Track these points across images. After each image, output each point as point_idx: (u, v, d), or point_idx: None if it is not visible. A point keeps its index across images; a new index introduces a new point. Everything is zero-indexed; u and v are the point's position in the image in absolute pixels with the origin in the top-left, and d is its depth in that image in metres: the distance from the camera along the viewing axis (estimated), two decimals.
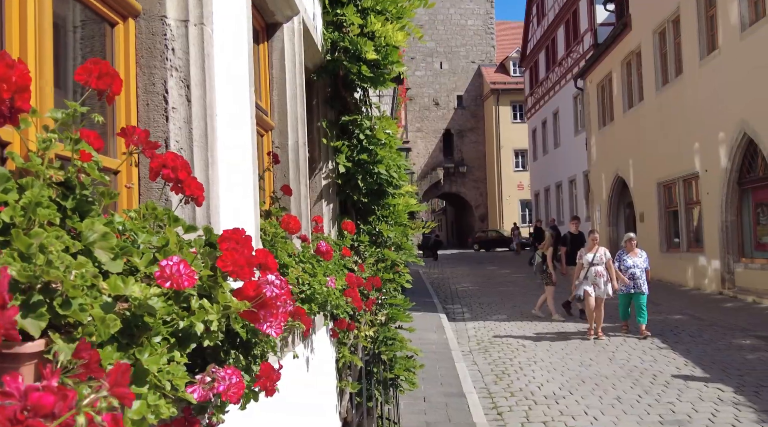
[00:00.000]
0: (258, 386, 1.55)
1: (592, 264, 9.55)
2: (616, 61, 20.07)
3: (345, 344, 4.62)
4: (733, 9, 12.90)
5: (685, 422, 5.68)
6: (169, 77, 1.97)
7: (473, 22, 43.60)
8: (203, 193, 1.71)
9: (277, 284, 1.37)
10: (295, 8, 3.68)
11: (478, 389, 7.04)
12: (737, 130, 12.88)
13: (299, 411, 3.53)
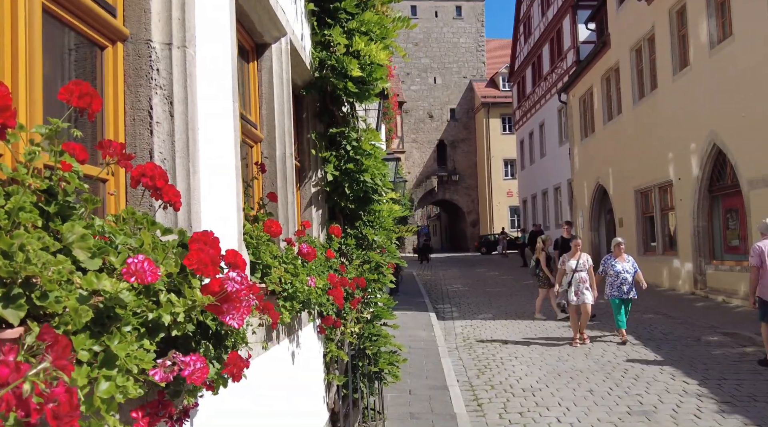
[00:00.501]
0: (226, 372, 1.63)
1: (575, 271, 8.97)
2: (597, 77, 20.18)
3: (332, 339, 4.69)
4: (703, 28, 13.01)
5: (651, 412, 5.75)
6: (153, 95, 2.04)
7: (465, 40, 43.78)
8: (180, 199, 1.78)
9: (238, 280, 1.45)
10: (282, 30, 3.76)
11: (461, 382, 7.10)
12: (707, 141, 12.98)
13: (287, 401, 3.59)
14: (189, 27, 2.15)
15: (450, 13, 43.64)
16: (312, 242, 4.20)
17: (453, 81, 43.80)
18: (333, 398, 4.83)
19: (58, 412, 0.80)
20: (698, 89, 13.28)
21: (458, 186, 43.57)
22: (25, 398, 0.76)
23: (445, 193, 43.80)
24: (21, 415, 0.81)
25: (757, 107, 11.01)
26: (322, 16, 4.70)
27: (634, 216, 17.45)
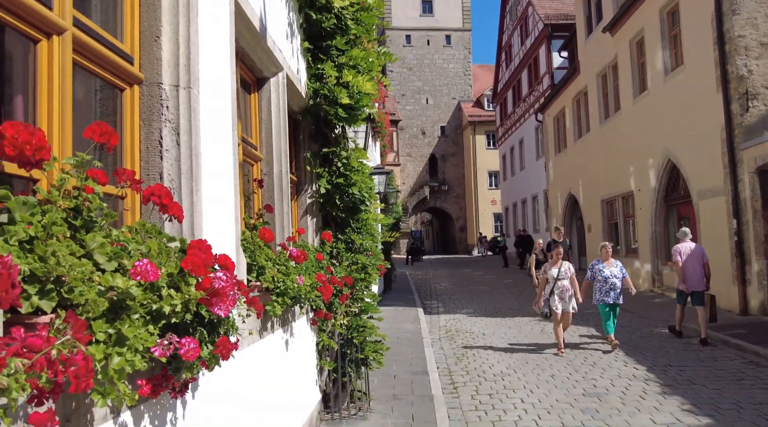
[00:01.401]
0: (217, 352, 1.82)
1: (557, 279, 7.92)
2: (568, 99, 20.41)
3: (324, 330, 4.87)
4: (659, 57, 13.25)
5: (603, 394, 5.92)
6: (163, 127, 2.24)
7: (453, 66, 44.06)
8: (183, 214, 1.99)
9: (224, 278, 1.64)
10: (279, 66, 3.97)
11: (441, 368, 7.26)
12: (663, 157, 13.19)
13: (282, 383, 3.77)
14: (193, 71, 2.35)
15: (440, 42, 43.93)
16: (305, 247, 4.40)
17: (443, 102, 44.04)
18: (324, 380, 5.01)
19: (78, 373, 0.99)
20: (655, 111, 13.50)
21: (448, 195, 43.74)
22: (53, 361, 0.95)
23: (437, 202, 43.94)
24: (50, 375, 1.00)
25: (704, 127, 11.22)
26: (316, 53, 4.90)
27: (601, 223, 17.64)
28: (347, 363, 5.00)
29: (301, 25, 4.75)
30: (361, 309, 5.30)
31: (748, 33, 10.30)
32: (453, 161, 43.96)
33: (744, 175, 10.21)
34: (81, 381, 0.99)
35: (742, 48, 10.27)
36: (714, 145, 10.95)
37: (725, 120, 10.51)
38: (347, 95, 4.85)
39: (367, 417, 5.02)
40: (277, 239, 3.83)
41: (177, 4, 2.30)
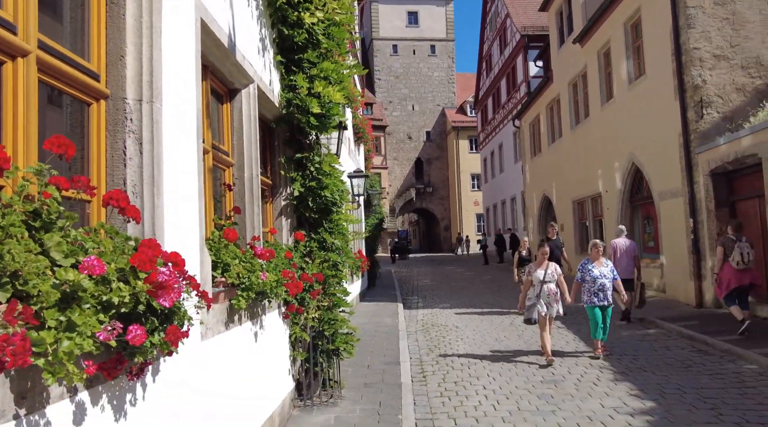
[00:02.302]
0: (167, 340, 1.95)
1: (543, 282, 6.95)
2: (543, 106, 20.66)
3: (297, 323, 4.99)
4: (623, 67, 13.49)
5: (559, 381, 6.09)
6: (127, 138, 2.36)
7: (438, 74, 44.32)
8: (140, 215, 2.11)
9: (167, 273, 1.77)
10: (250, 79, 4.09)
11: (413, 359, 7.40)
12: (627, 161, 13.43)
13: (252, 372, 3.89)
14: (156, 86, 2.48)
15: (426, 51, 44.19)
16: (277, 246, 4.52)
17: (428, 108, 44.29)
18: (297, 370, 5.14)
19: (15, 351, 1.12)
20: (620, 118, 13.74)
21: (433, 197, 43.98)
22: None
23: (422, 203, 44.17)
24: None
25: (664, 133, 11.47)
26: (289, 65, 5.03)
27: (573, 222, 17.88)
28: (319, 354, 5.13)
29: (275, 40, 4.88)
30: (333, 303, 5.42)
31: (702, 45, 10.54)
32: (438, 165, 44.19)
33: (699, 177, 10.45)
34: (18, 358, 1.11)
35: (697, 59, 10.51)
36: (673, 149, 11.19)
37: (682, 126, 10.75)
38: (318, 105, 4.98)
39: (338, 404, 5.15)
40: (248, 238, 3.95)
41: (141, 26, 2.42)
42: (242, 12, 3.95)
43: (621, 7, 13.43)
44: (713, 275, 8.66)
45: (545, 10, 20.01)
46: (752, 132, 8.80)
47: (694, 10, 10.61)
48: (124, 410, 2.05)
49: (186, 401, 2.67)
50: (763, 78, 10.49)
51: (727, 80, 10.51)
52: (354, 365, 6.67)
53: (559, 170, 18.84)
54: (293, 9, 4.73)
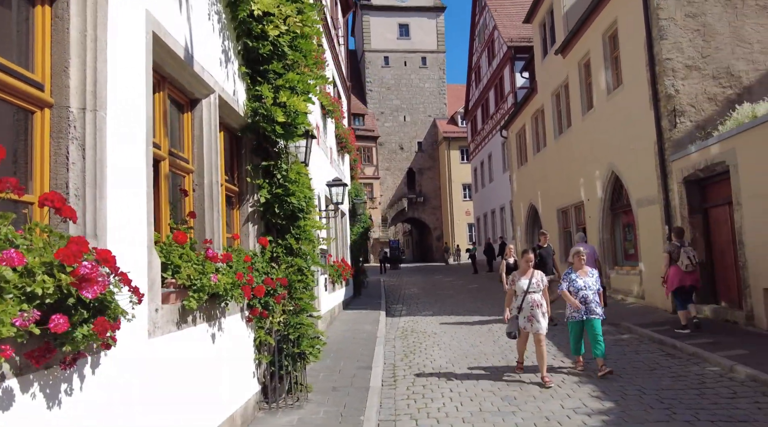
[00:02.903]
0: (95, 330, 2.08)
1: (527, 292, 6.37)
2: (528, 116, 20.94)
3: (262, 327, 5.11)
4: (602, 78, 13.76)
5: (525, 383, 6.21)
6: (70, 144, 2.51)
7: (429, 85, 44.74)
8: (76, 216, 2.25)
9: (89, 267, 1.91)
10: (210, 89, 4.26)
11: (387, 364, 7.51)
12: (607, 170, 13.65)
13: (208, 372, 4.00)
14: (100, 96, 2.63)
15: (417, 63, 44.64)
16: (240, 250, 4.66)
17: (420, 119, 44.66)
18: (263, 373, 5.24)
19: None
20: (600, 127, 13.98)
21: (425, 206, 44.21)
22: None
23: (414, 213, 44.37)
24: None
25: (640, 142, 11.70)
26: (255, 76, 5.19)
27: (557, 231, 18.06)
28: (284, 357, 5.24)
29: (240, 52, 5.05)
30: (300, 308, 5.54)
31: (674, 56, 10.81)
32: (429, 175, 44.45)
33: (673, 185, 10.66)
34: None
35: (670, 70, 10.77)
36: (649, 158, 11.41)
37: (657, 135, 10.98)
38: (283, 114, 5.14)
39: (303, 406, 5.25)
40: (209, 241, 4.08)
41: (85, 39, 2.58)
42: (201, 25, 4.12)
43: (599, 19, 13.73)
44: (663, 280, 8.92)
45: (529, 21, 20.36)
46: (719, 140, 9.02)
47: (666, 22, 10.88)
48: (58, 399, 2.18)
49: (134, 395, 2.79)
50: (734, 88, 10.74)
51: (699, 90, 10.76)
52: (326, 370, 6.79)
53: (544, 179, 19.06)
54: (257, 22, 4.90)
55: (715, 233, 10.00)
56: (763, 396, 5.38)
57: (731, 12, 10.90)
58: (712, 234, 10.10)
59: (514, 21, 26.39)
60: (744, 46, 10.87)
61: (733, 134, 8.66)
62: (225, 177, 5.04)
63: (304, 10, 5.37)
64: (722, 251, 9.72)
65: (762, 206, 8.05)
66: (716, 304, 9.84)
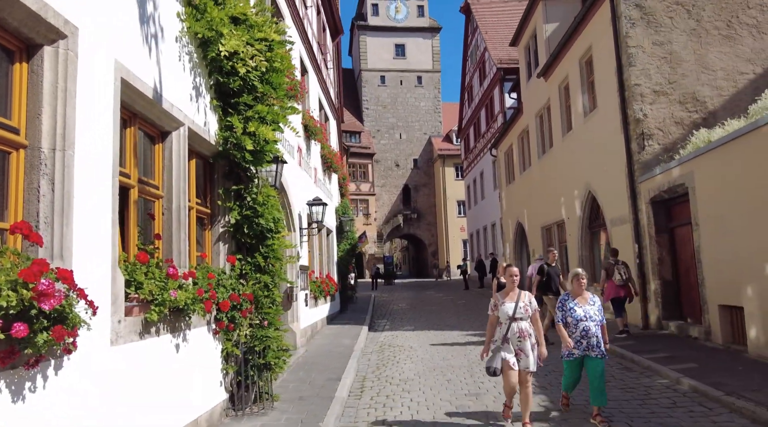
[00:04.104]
0: (52, 336, 2.50)
1: (513, 319, 5.11)
2: (515, 136, 21.47)
3: (230, 340, 5.52)
4: (579, 101, 14.29)
5: (482, 394, 6.58)
6: (41, 178, 2.96)
7: (425, 104, 45.51)
8: (43, 241, 2.70)
9: (46, 284, 2.35)
10: (180, 122, 4.73)
11: (359, 376, 7.87)
12: (585, 189, 14.11)
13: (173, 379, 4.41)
14: (69, 138, 3.09)
15: (412, 82, 45.46)
16: (208, 268, 5.09)
17: (415, 136, 45.34)
18: (230, 382, 5.64)
19: None
20: (578, 149, 14.47)
21: (420, 223, 44.67)
22: None
23: (410, 229, 44.82)
24: None
25: (613, 163, 12.17)
26: (226, 108, 5.67)
27: (542, 248, 18.45)
28: (250, 368, 5.63)
29: (212, 86, 5.53)
30: (269, 322, 5.95)
31: (642, 82, 11.33)
32: (425, 191, 44.98)
33: (642, 205, 11.11)
34: None
35: (638, 95, 11.28)
36: (620, 179, 11.87)
37: (626, 157, 11.46)
38: (252, 142, 5.61)
39: (268, 413, 5.63)
40: (174, 261, 4.52)
41: (56, 90, 3.05)
42: (172, 66, 4.60)
43: (576, 45, 14.30)
44: (601, 290, 10.27)
45: (515, 45, 21.00)
46: (679, 163, 9.49)
47: (635, 50, 11.42)
48: (22, 395, 2.60)
49: (95, 395, 3.21)
50: (700, 112, 11.24)
51: (666, 114, 11.27)
52: (297, 381, 7.17)
53: (530, 198, 19.52)
54: (228, 60, 5.39)
55: (680, 252, 10.41)
56: (699, 406, 5.76)
57: (696, 41, 11.45)
58: (678, 253, 10.51)
59: (504, 43, 27.05)
60: (708, 73, 11.40)
61: (690, 158, 9.13)
62: (197, 200, 5.50)
63: (273, 47, 5.87)
64: (687, 270, 10.13)
65: (716, 227, 8.49)
66: (682, 320, 10.22)
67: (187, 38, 4.92)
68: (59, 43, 3.07)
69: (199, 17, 4.97)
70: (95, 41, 3.39)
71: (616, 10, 11.76)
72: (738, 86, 11.36)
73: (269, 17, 5.89)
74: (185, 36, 4.88)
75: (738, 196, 7.86)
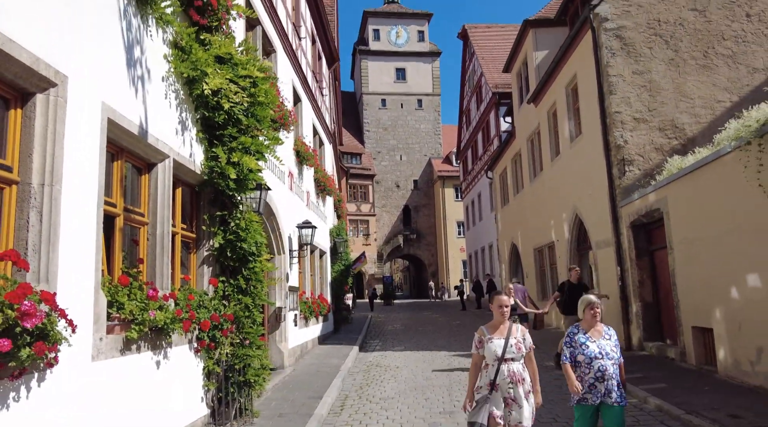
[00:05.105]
0: (34, 351, 2.84)
1: (502, 360, 4.05)
2: (509, 160, 21.89)
3: (211, 357, 5.84)
4: (566, 127, 14.71)
5: (456, 412, 6.82)
6: (30, 211, 3.34)
7: (425, 126, 46.20)
8: (29, 266, 3.06)
9: (28, 304, 2.70)
10: (164, 155, 5.12)
11: (341, 395, 8.12)
12: (572, 212, 14.44)
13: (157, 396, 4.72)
14: (57, 174, 3.47)
15: (413, 105, 46.24)
16: (191, 290, 5.43)
17: (416, 158, 45.92)
18: (211, 398, 5.94)
19: None
20: (566, 173, 14.85)
21: (420, 243, 44.97)
22: None
23: (410, 249, 45.11)
24: None
25: (596, 188, 12.52)
26: (212, 139, 6.08)
27: (534, 269, 18.74)
28: (230, 385, 5.93)
29: (198, 120, 5.95)
30: (250, 341, 6.26)
31: (623, 109, 11.74)
32: (425, 212, 45.36)
33: (623, 229, 11.42)
34: None
35: (619, 122, 11.68)
36: (604, 203, 12.21)
37: (608, 182, 11.82)
38: (236, 171, 6.00)
39: None
40: (156, 284, 4.87)
41: (46, 132, 3.44)
42: (157, 103, 5.01)
43: (562, 73, 14.77)
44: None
45: (508, 71, 21.55)
46: (655, 189, 9.83)
47: (615, 78, 11.86)
48: (6, 403, 2.93)
49: (77, 406, 3.53)
50: (679, 139, 11.62)
51: (646, 141, 11.65)
52: (280, 399, 7.44)
53: (523, 220, 19.85)
54: (213, 96, 5.81)
55: (660, 275, 10.68)
56: (661, 424, 6.02)
57: (674, 70, 11.88)
58: (658, 276, 10.78)
59: (500, 68, 27.65)
60: (687, 101, 11.81)
61: (663, 184, 9.47)
62: (183, 226, 5.87)
63: (258, 83, 6.29)
64: (666, 292, 10.39)
65: (688, 251, 8.79)
66: (662, 341, 10.45)
67: (173, 77, 5.34)
68: (50, 90, 3.48)
69: (185, 58, 5.40)
70: (83, 87, 3.80)
71: (597, 41, 12.23)
72: (716, 114, 11.75)
73: (253, 55, 6.34)
74: (172, 76, 5.30)
75: (706, 222, 8.18)
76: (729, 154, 7.38)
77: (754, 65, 11.89)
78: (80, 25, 3.79)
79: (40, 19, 3.36)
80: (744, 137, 6.88)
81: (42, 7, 3.38)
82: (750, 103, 11.08)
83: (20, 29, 3.16)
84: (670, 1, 12.18)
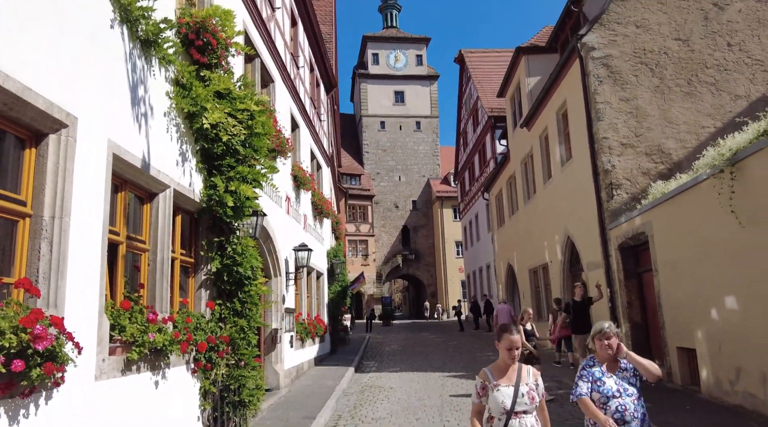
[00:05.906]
0: (43, 371, 3.12)
1: (512, 414, 3.20)
2: (504, 181, 22.27)
3: (207, 378, 6.08)
4: (557, 151, 15.10)
5: None
6: (42, 241, 3.65)
7: (423, 148, 46.77)
8: (40, 293, 3.36)
9: (39, 328, 2.99)
10: (165, 185, 5.44)
11: (334, 415, 8.33)
12: (564, 234, 14.73)
13: (152, 413, 4.97)
14: (66, 207, 3.79)
15: (411, 127, 46.88)
16: (188, 313, 5.71)
17: (414, 179, 46.38)
18: (207, 417, 6.17)
19: None
20: (557, 195, 15.18)
21: (419, 263, 45.15)
22: None
23: (409, 269, 45.27)
24: None
25: (586, 211, 12.84)
26: (211, 169, 6.41)
27: (530, 289, 18.95)
28: (226, 404, 6.17)
29: (197, 151, 6.29)
30: (245, 362, 6.51)
31: (610, 135, 12.11)
32: (423, 232, 45.64)
33: (612, 251, 11.70)
34: None
35: (607, 147, 12.05)
36: (593, 226, 12.51)
37: (597, 205, 12.14)
38: (233, 199, 6.32)
39: None
40: (156, 307, 5.15)
41: (57, 169, 3.77)
42: (159, 137, 5.35)
43: (553, 99, 15.21)
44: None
45: (503, 96, 22.06)
46: (640, 213, 10.14)
47: (603, 105, 12.27)
48: (17, 420, 3.20)
49: (81, 423, 3.79)
50: (665, 163, 11.97)
51: (633, 165, 12.00)
52: (274, 419, 7.65)
53: (519, 241, 20.13)
54: (212, 129, 6.16)
55: (648, 296, 10.93)
56: None
57: (660, 97, 12.29)
58: (646, 297, 11.03)
59: (495, 92, 28.23)
60: (672, 127, 12.19)
61: (648, 208, 9.79)
62: (182, 251, 6.17)
63: (255, 115, 6.65)
64: (654, 313, 10.62)
65: (672, 273, 9.06)
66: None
67: (174, 113, 5.70)
68: (62, 131, 3.81)
69: (185, 94, 5.76)
70: (91, 126, 4.14)
71: (585, 69, 12.67)
72: (700, 139, 12.12)
73: (251, 90, 6.71)
74: (173, 111, 5.66)
75: (687, 245, 8.47)
76: (705, 181, 7.70)
77: (736, 92, 12.30)
78: (89, 70, 4.14)
79: (55, 67, 3.71)
80: (718, 165, 7.21)
81: (56, 56, 3.73)
82: (733, 129, 11.46)
83: (37, 78, 3.50)
84: (655, 31, 12.65)
